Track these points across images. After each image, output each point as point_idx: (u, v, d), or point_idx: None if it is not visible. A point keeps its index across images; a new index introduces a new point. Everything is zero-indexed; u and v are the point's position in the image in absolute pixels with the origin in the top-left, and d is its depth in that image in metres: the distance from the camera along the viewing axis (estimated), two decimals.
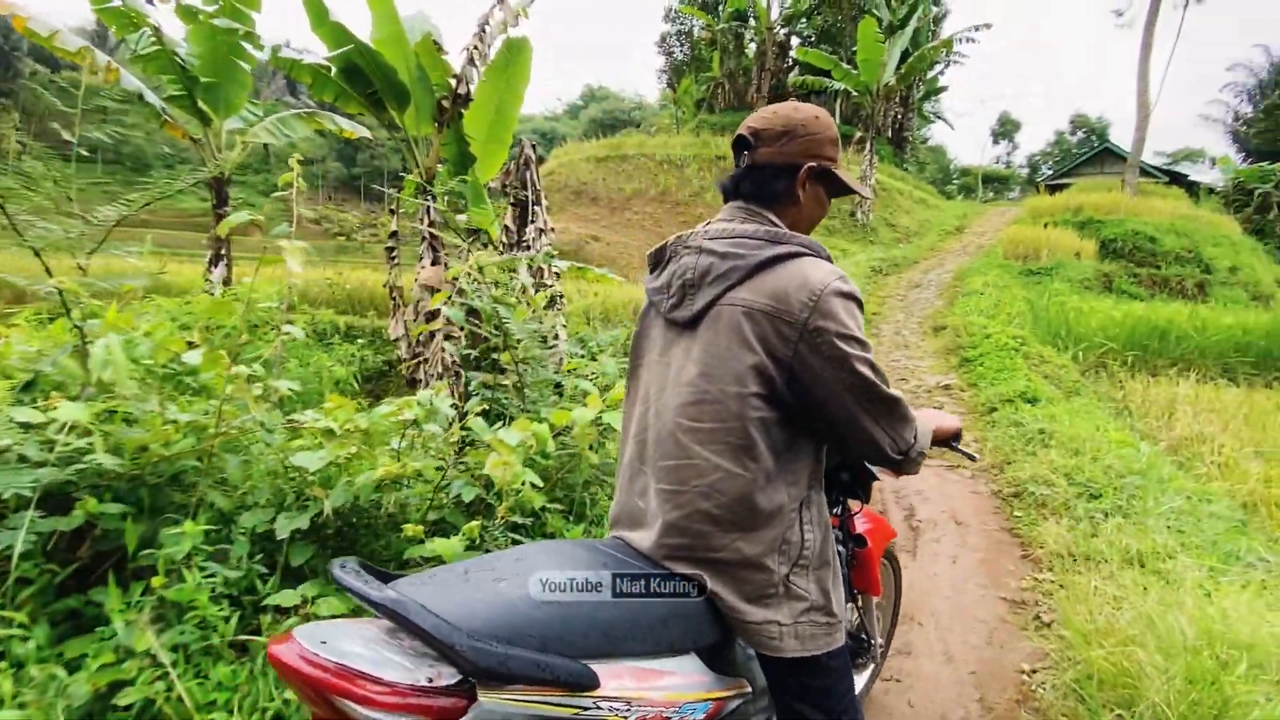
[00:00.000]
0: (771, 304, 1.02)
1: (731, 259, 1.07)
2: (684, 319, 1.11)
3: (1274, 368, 8.18)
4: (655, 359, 1.18)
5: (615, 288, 9.15)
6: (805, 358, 1.01)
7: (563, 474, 2.55)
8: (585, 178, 20.83)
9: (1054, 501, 3.83)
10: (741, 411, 1.02)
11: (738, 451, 1.03)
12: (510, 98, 7.74)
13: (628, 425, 1.24)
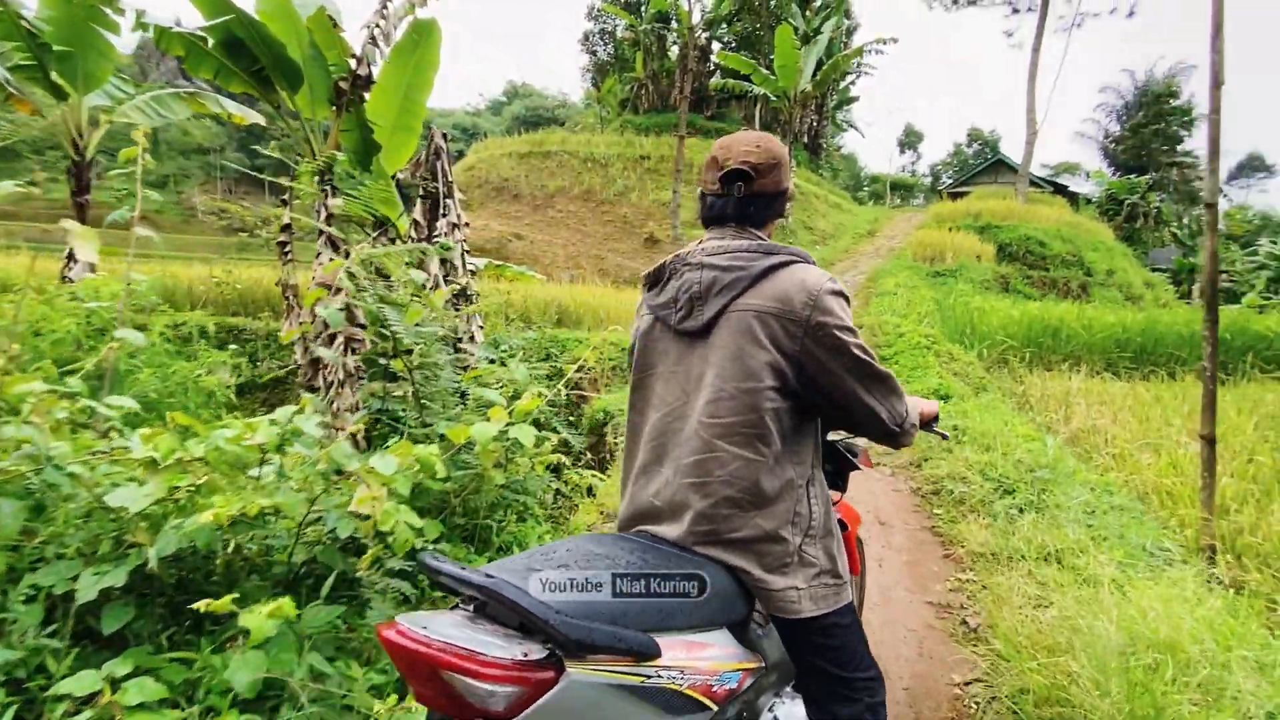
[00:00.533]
0: (777, 306, 1.16)
1: (735, 270, 1.19)
2: (694, 328, 1.22)
3: (1149, 362, 8.93)
4: (669, 369, 1.28)
5: (537, 287, 8.79)
6: (811, 350, 1.15)
7: (464, 497, 2.24)
8: (507, 174, 20.20)
9: (971, 499, 3.88)
10: (757, 404, 1.15)
11: (753, 440, 1.15)
12: (419, 83, 7.24)
13: (638, 431, 1.34)
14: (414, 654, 0.82)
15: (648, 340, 1.32)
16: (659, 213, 17.69)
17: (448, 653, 0.81)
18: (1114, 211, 29.25)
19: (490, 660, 0.81)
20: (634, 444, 1.35)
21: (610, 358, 7.23)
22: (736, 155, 1.25)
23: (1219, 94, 3.10)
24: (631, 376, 1.38)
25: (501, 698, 0.81)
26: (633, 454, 1.34)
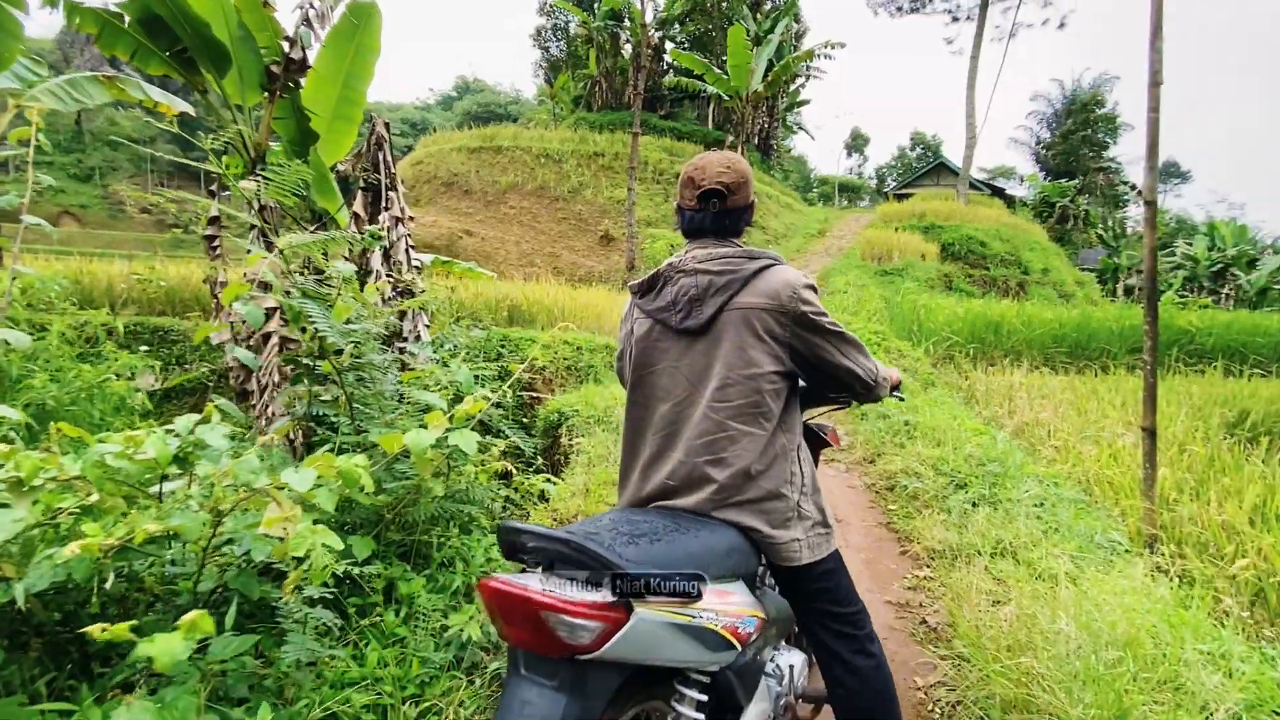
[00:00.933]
0: (768, 302, 1.36)
1: (728, 274, 1.38)
2: (695, 326, 1.39)
3: (1083, 356, 9.34)
4: (670, 364, 1.44)
5: (487, 284, 8.51)
6: (799, 334, 1.38)
7: (400, 510, 2.05)
8: (457, 169, 19.66)
9: (925, 494, 3.89)
10: (760, 387, 1.36)
11: (758, 418, 1.36)
12: (359, 70, 6.88)
13: (641, 424, 1.49)
14: (518, 599, 0.98)
15: (647, 341, 1.47)
16: (614, 210, 17.54)
17: (548, 598, 0.97)
18: (1046, 213, 30.78)
19: (581, 602, 0.98)
20: (639, 436, 1.49)
21: (565, 357, 7.06)
22: (711, 176, 1.44)
23: (1158, 92, 3.18)
24: (630, 376, 1.52)
25: (588, 633, 0.98)
26: (638, 445, 1.49)
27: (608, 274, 15.50)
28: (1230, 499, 3.48)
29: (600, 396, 5.92)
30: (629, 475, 1.50)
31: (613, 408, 5.61)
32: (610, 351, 7.59)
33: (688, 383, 1.41)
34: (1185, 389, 7.20)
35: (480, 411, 2.12)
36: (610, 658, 1.00)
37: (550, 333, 3.13)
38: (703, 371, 1.39)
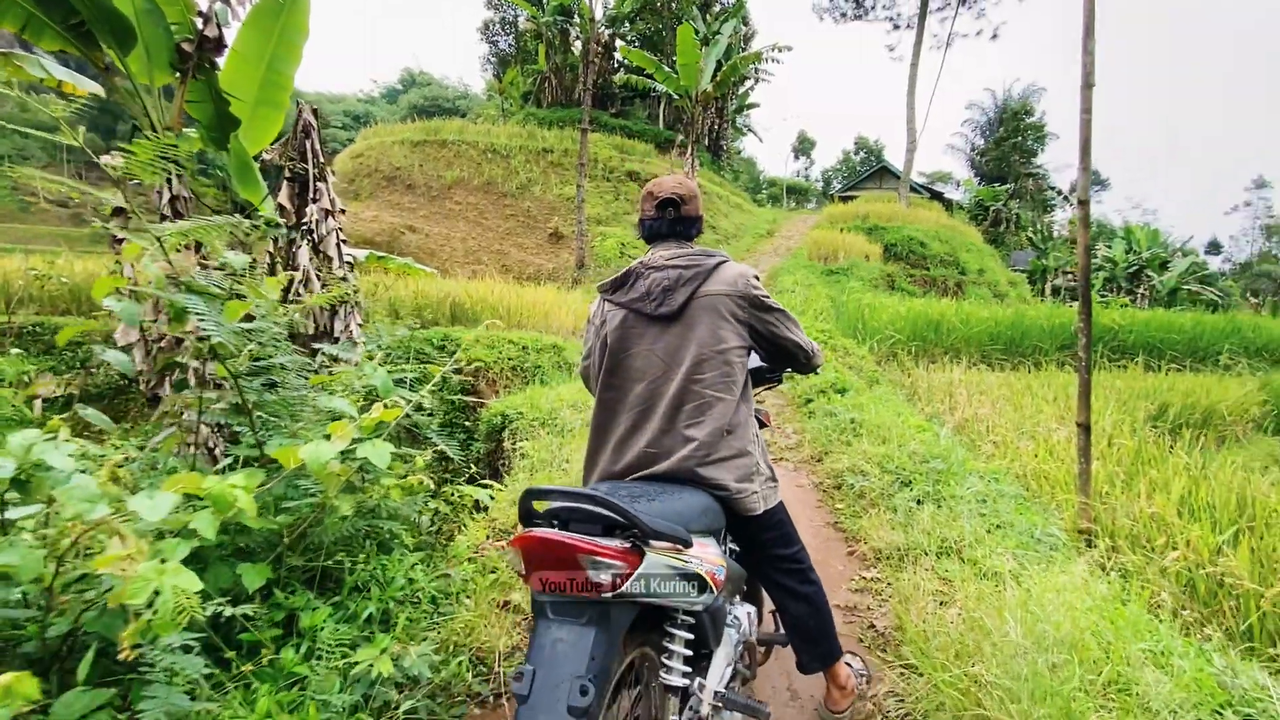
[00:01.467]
0: (730, 289, 1.63)
1: (694, 268, 1.63)
2: (669, 313, 1.61)
3: (1017, 353, 9.71)
4: (646, 347, 1.64)
5: (429, 281, 8.15)
6: (755, 314, 1.66)
7: (303, 530, 1.83)
8: (399, 163, 18.96)
9: (871, 492, 3.88)
10: (729, 359, 1.61)
11: (729, 385, 1.61)
12: (285, 53, 6.45)
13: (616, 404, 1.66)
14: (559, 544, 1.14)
15: (623, 330, 1.66)
16: (564, 208, 17.27)
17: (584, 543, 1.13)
18: (981, 216, 32.18)
19: (609, 546, 1.14)
20: (612, 416, 1.67)
21: (510, 358, 6.81)
22: (667, 189, 1.75)
23: (1090, 94, 3.24)
24: (604, 363, 1.69)
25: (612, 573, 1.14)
26: (611, 425, 1.67)
27: (557, 272, 15.23)
28: (1159, 491, 3.60)
29: (546, 398, 5.72)
30: (600, 453, 1.68)
31: (558, 410, 5.42)
32: (558, 351, 7.39)
33: (663, 362, 1.63)
34: (1111, 384, 7.56)
35: (395, 419, 1.91)
36: (628, 594, 1.17)
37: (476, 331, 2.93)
38: (677, 350, 1.62)
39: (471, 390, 6.51)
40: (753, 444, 1.66)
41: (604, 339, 1.68)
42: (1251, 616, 2.48)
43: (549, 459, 4.32)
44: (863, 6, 25.72)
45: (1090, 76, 3.24)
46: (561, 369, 7.18)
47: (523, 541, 1.17)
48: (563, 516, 1.22)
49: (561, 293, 10.27)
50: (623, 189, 18.92)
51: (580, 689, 1.06)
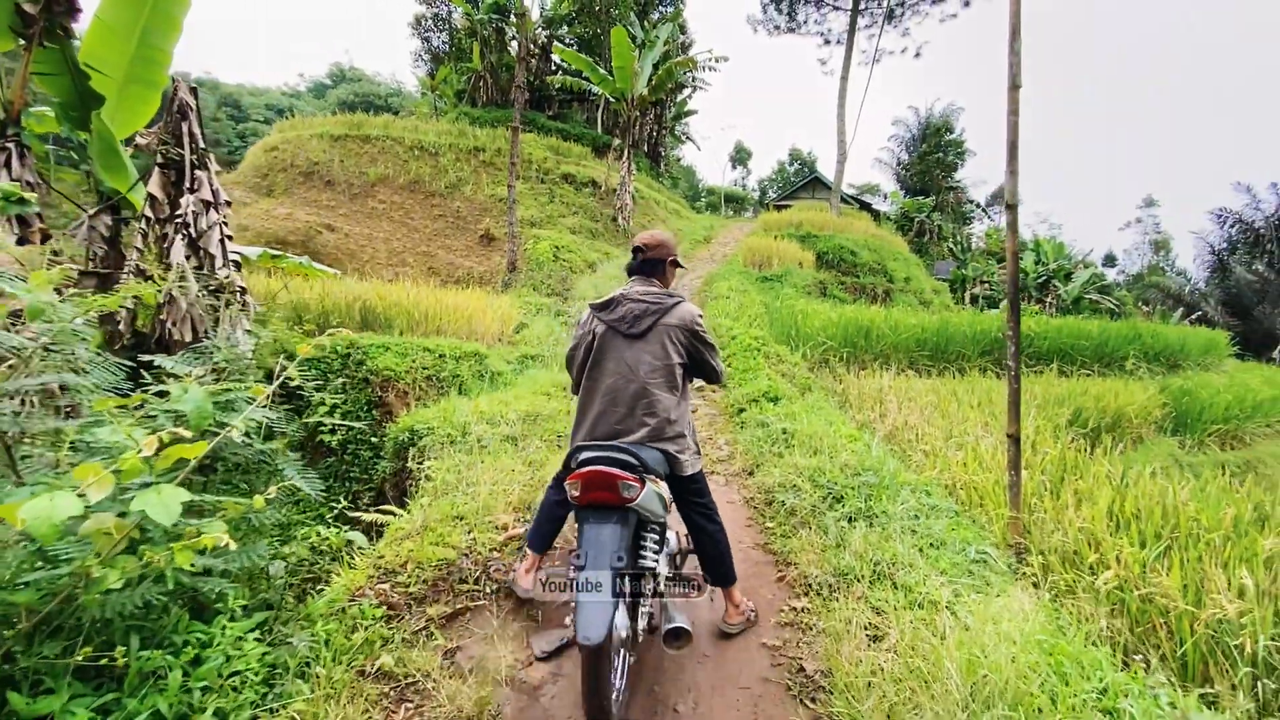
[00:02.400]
0: (679, 323, 2.39)
1: (658, 305, 2.40)
2: (636, 333, 2.38)
3: (943, 359, 9.93)
4: (618, 355, 2.39)
5: (336, 284, 7.49)
6: (693, 344, 2.42)
7: (64, 606, 1.36)
8: (318, 158, 17.81)
9: (803, 509, 3.66)
10: (673, 370, 2.37)
11: (672, 388, 2.37)
12: (161, 24, 5.76)
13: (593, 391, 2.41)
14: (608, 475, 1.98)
15: (604, 339, 2.41)
16: (496, 208, 16.65)
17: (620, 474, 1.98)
18: (907, 227, 33.57)
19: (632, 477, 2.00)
20: (591, 398, 2.41)
21: (424, 366, 6.28)
22: (639, 240, 2.55)
23: (1017, 95, 3.15)
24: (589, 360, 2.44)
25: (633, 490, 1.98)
26: (590, 404, 2.40)
27: (489, 275, 14.62)
28: (1085, 503, 3.56)
29: (461, 411, 5.26)
30: (583, 424, 2.40)
31: (473, 424, 4.98)
32: (480, 359, 6.91)
33: (629, 368, 2.35)
34: (1029, 389, 7.77)
35: (199, 455, 1.48)
36: (636, 506, 2.01)
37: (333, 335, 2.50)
38: (639, 362, 2.35)
39: (379, 403, 5.95)
40: (687, 428, 2.45)
41: (590, 342, 2.45)
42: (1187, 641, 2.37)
43: (454, 481, 3.89)
44: (795, 20, 26.32)
45: (1017, 78, 3.14)
46: (483, 378, 6.71)
47: (583, 475, 2.00)
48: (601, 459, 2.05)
49: (489, 296, 9.75)
50: (558, 191, 18.47)
51: (617, 557, 1.91)
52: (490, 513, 3.48)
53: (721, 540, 2.48)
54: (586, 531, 1.98)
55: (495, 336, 8.29)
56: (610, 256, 15.96)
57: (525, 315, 9.82)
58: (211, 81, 66.27)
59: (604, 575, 1.84)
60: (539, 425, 5.33)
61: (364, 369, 6.00)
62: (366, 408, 5.90)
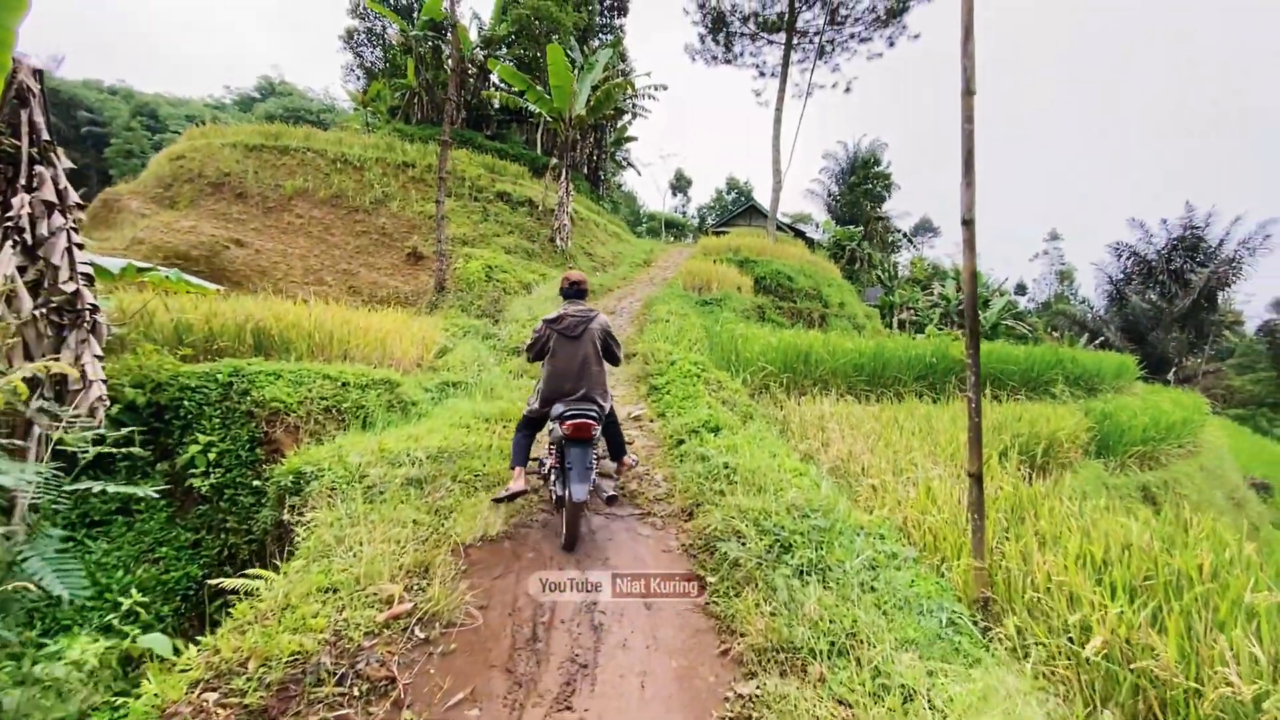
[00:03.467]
0: (599, 328, 4.26)
1: (585, 317, 4.21)
2: (574, 335, 4.11)
3: (879, 384, 9.88)
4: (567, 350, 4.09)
5: (227, 305, 6.60)
6: (606, 340, 4.29)
7: None
8: (230, 168, 16.50)
9: (747, 562, 3.21)
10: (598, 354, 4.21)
11: (599, 365, 4.19)
12: None
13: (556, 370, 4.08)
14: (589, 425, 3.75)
15: (556, 341, 4.10)
16: (426, 225, 15.80)
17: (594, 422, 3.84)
18: (839, 255, 34.66)
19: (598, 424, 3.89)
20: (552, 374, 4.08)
21: (322, 396, 5.52)
22: (575, 277, 4.40)
23: (971, 102, 2.91)
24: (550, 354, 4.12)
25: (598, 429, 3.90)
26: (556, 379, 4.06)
27: (415, 295, 13.75)
28: (1048, 546, 3.29)
29: (362, 448, 4.57)
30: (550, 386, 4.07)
31: (374, 464, 4.30)
32: (391, 387, 6.19)
33: (570, 354, 4.07)
34: (967, 416, 7.72)
35: None
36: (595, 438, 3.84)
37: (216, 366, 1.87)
38: (577, 352, 4.09)
39: (265, 440, 5.14)
40: (606, 386, 4.19)
41: (545, 342, 4.14)
42: None
43: (335, 540, 3.22)
44: (732, 52, 26.91)
45: (971, 83, 2.90)
46: (393, 409, 5.99)
47: (573, 424, 3.71)
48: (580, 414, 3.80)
49: (410, 318, 8.99)
50: (492, 209, 17.81)
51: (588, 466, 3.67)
52: (372, 582, 2.85)
53: (618, 436, 4.47)
54: (573, 451, 3.72)
55: (413, 361, 7.56)
56: (547, 278, 15.40)
57: (450, 338, 9.11)
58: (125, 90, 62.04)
59: (583, 471, 3.63)
60: (453, 464, 4.70)
61: (248, 400, 5.19)
62: (249, 445, 5.08)
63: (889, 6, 22.60)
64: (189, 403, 5.15)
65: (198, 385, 5.22)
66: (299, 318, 6.60)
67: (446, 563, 3.23)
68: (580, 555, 3.63)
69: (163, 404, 5.15)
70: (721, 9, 25.19)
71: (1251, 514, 12.13)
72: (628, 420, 6.78)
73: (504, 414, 6.23)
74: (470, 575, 3.22)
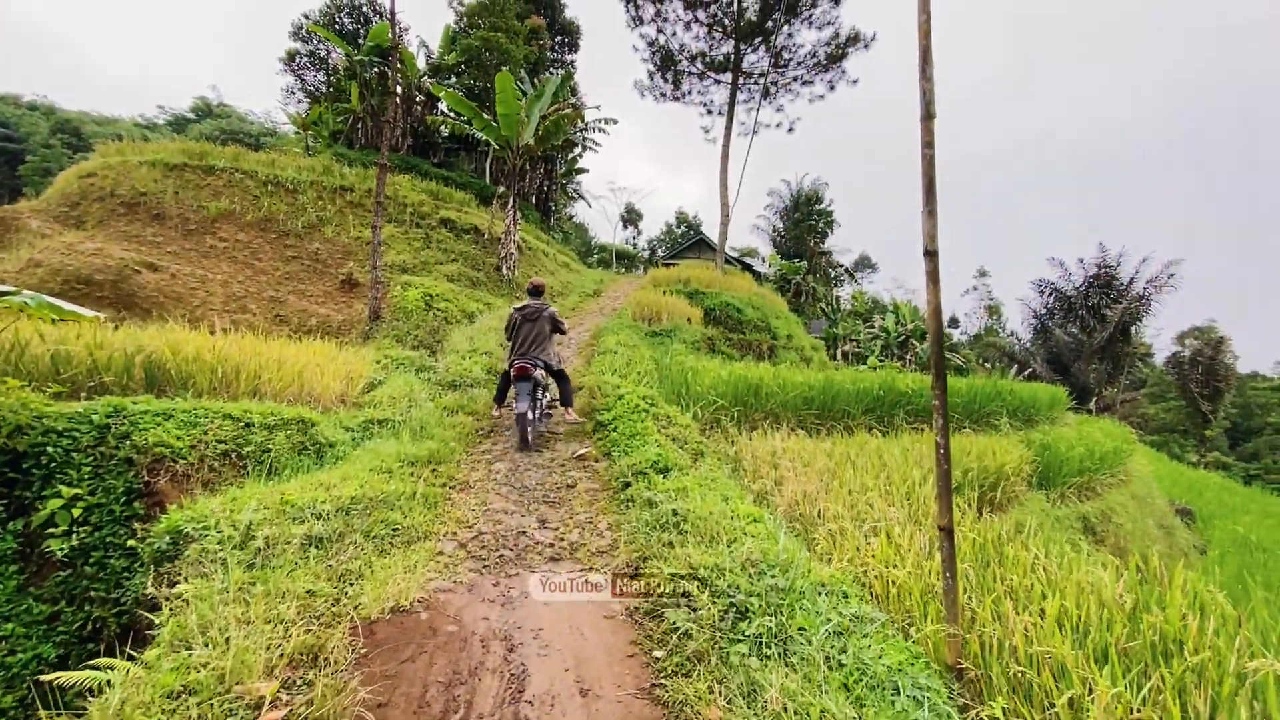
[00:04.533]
0: (549, 315, 7.27)
1: (540, 307, 7.26)
2: (532, 319, 7.18)
3: (829, 417, 9.78)
4: (527, 328, 7.15)
5: (111, 334, 5.84)
6: (554, 322, 7.33)
7: None
8: (147, 187, 15.36)
9: (699, 634, 2.81)
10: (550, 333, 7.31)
11: (550, 339, 7.30)
12: None
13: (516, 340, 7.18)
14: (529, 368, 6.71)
15: (520, 323, 7.20)
16: (362, 252, 15.04)
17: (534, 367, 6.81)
18: (785, 288, 35.40)
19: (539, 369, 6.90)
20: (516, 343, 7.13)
21: (219, 439, 4.85)
22: (535, 281, 7.73)
23: (931, 126, 2.73)
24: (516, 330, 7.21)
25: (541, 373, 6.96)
26: (516, 344, 7.11)
27: (348, 325, 12.95)
28: (1020, 602, 3.05)
29: (260, 500, 3.97)
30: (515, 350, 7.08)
31: (268, 524, 3.71)
32: (305, 427, 5.56)
33: (529, 333, 7.07)
34: (917, 450, 7.64)
35: None
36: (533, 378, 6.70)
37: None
38: (533, 330, 7.09)
39: (146, 492, 4.44)
40: (555, 352, 7.37)
41: (516, 323, 7.22)
42: None
43: (206, 622, 2.65)
44: (680, 90, 27.45)
45: (930, 107, 2.72)
46: (307, 451, 5.36)
47: (517, 367, 6.65)
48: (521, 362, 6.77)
49: (337, 349, 8.32)
50: (435, 236, 17.19)
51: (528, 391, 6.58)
52: (242, 678, 2.30)
53: (568, 388, 7.48)
54: (518, 384, 6.56)
55: (336, 397, 6.91)
56: (492, 307, 14.85)
57: (381, 371, 8.47)
58: (46, 105, 58.42)
59: (525, 396, 6.47)
60: (368, 516, 4.14)
61: (128, 445, 4.49)
62: (125, 498, 4.36)
63: (829, 52, 23.59)
64: (54, 448, 4.41)
65: (66, 428, 4.49)
66: (201, 349, 5.90)
67: (342, 646, 2.70)
68: (507, 628, 3.15)
69: (21, 450, 4.39)
70: (670, 48, 25.73)
71: (1180, 540, 12.58)
72: (572, 459, 6.35)
73: (434, 455, 5.69)
74: (371, 661, 2.70)
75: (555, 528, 4.59)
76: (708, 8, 24.12)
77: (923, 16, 2.65)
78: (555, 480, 5.65)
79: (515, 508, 4.94)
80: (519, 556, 4.06)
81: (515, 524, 4.59)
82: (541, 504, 5.07)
